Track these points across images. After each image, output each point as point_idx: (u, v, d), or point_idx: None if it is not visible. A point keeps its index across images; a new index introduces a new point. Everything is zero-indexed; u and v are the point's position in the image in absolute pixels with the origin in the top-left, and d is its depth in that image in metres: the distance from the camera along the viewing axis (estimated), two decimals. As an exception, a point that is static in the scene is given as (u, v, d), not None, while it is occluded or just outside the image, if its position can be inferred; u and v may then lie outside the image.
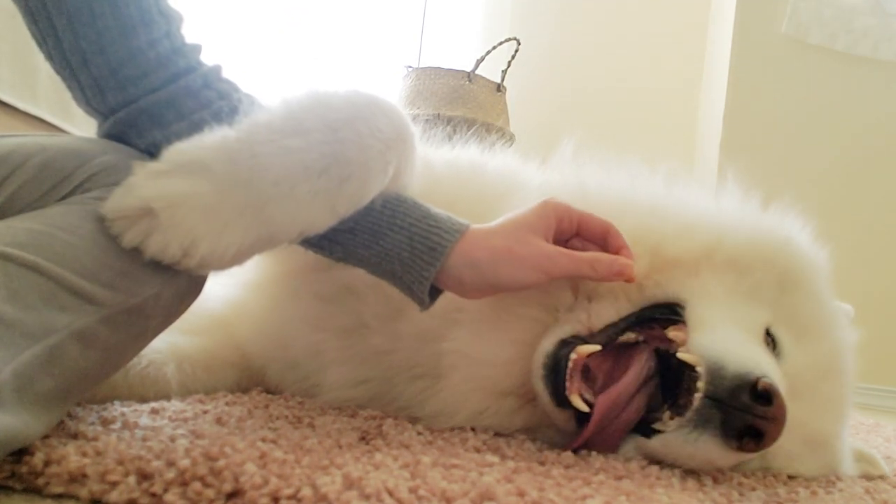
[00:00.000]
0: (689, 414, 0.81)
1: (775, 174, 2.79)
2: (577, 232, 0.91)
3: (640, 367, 0.87)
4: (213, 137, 0.77)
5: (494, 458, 0.79)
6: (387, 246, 0.84)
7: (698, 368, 0.81)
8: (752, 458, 0.88)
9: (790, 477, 0.93)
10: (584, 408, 0.86)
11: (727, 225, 0.99)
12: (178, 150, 0.76)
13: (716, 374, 0.81)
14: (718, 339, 0.85)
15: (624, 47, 3.60)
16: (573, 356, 0.87)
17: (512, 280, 0.86)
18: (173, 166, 0.74)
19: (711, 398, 0.80)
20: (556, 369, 0.88)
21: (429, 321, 0.94)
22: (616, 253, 0.90)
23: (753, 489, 0.84)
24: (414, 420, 0.95)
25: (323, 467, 0.66)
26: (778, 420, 0.79)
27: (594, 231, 0.91)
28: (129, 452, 0.64)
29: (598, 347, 0.88)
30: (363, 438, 0.84)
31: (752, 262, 0.96)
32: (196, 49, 0.88)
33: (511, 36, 2.88)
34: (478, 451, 0.84)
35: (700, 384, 0.80)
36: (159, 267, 0.74)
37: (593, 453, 0.87)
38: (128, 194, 0.73)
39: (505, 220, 0.88)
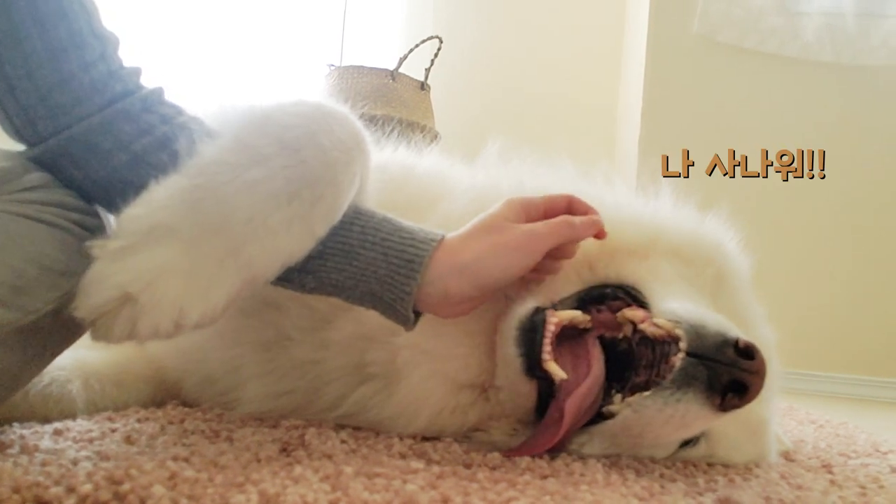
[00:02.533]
0: (671, 375, 0.81)
1: (692, 169, 2.89)
2: (545, 217, 0.89)
3: (599, 367, 0.87)
4: (165, 191, 0.71)
5: (419, 464, 0.78)
6: (361, 265, 0.79)
7: (677, 330, 0.83)
8: (723, 416, 0.86)
9: (709, 465, 0.96)
10: (563, 374, 0.84)
11: (667, 221, 1.02)
12: (134, 217, 0.69)
13: (699, 331, 0.82)
14: (690, 306, 0.87)
15: (544, 45, 3.65)
16: (553, 319, 0.86)
17: (504, 271, 0.83)
18: (135, 238, 0.68)
19: (695, 355, 0.81)
20: (532, 333, 0.87)
21: (376, 320, 0.91)
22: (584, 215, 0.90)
23: (674, 480, 0.85)
24: (338, 428, 0.93)
25: (238, 484, 0.63)
26: (761, 374, 0.81)
27: (559, 207, 0.90)
28: (26, 479, 0.60)
29: (577, 313, 0.88)
30: (284, 450, 0.82)
31: (693, 254, 0.99)
32: (135, 72, 0.81)
33: (433, 34, 2.88)
34: (403, 457, 0.83)
35: (682, 344, 0.82)
36: (56, 281, 0.69)
37: (519, 453, 0.87)
38: (99, 286, 0.65)
39: (474, 222, 0.86)
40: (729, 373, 0.80)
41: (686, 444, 0.95)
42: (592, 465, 0.85)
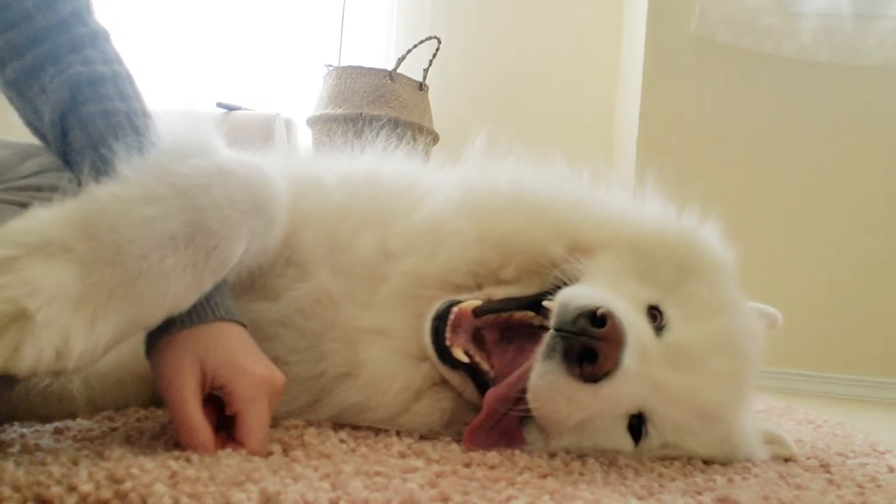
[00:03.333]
0: (541, 349, 0.85)
1: (689, 168, 2.90)
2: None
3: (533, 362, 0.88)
4: (54, 212, 0.68)
5: (419, 463, 0.78)
6: None
7: (553, 309, 0.86)
8: (609, 397, 0.85)
9: (706, 463, 0.96)
10: (464, 358, 0.90)
11: (634, 218, 1.03)
12: (23, 230, 0.65)
13: (563, 308, 0.85)
14: (576, 288, 0.91)
15: (542, 46, 3.66)
16: (454, 309, 0.92)
17: None
18: (24, 249, 0.64)
19: (558, 330, 0.84)
20: (441, 324, 0.92)
21: (351, 321, 0.94)
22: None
23: (673, 479, 0.86)
24: (337, 427, 0.93)
25: (238, 483, 0.64)
26: (610, 340, 0.82)
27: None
28: (28, 478, 0.60)
29: (477, 302, 0.93)
30: (284, 450, 0.82)
31: (652, 247, 0.99)
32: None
33: (432, 34, 2.88)
34: (402, 456, 0.83)
35: (552, 321, 0.85)
36: None
37: (517, 452, 0.87)
38: None
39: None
40: (580, 342, 0.82)
41: (637, 436, 0.93)
42: (591, 463, 0.86)
